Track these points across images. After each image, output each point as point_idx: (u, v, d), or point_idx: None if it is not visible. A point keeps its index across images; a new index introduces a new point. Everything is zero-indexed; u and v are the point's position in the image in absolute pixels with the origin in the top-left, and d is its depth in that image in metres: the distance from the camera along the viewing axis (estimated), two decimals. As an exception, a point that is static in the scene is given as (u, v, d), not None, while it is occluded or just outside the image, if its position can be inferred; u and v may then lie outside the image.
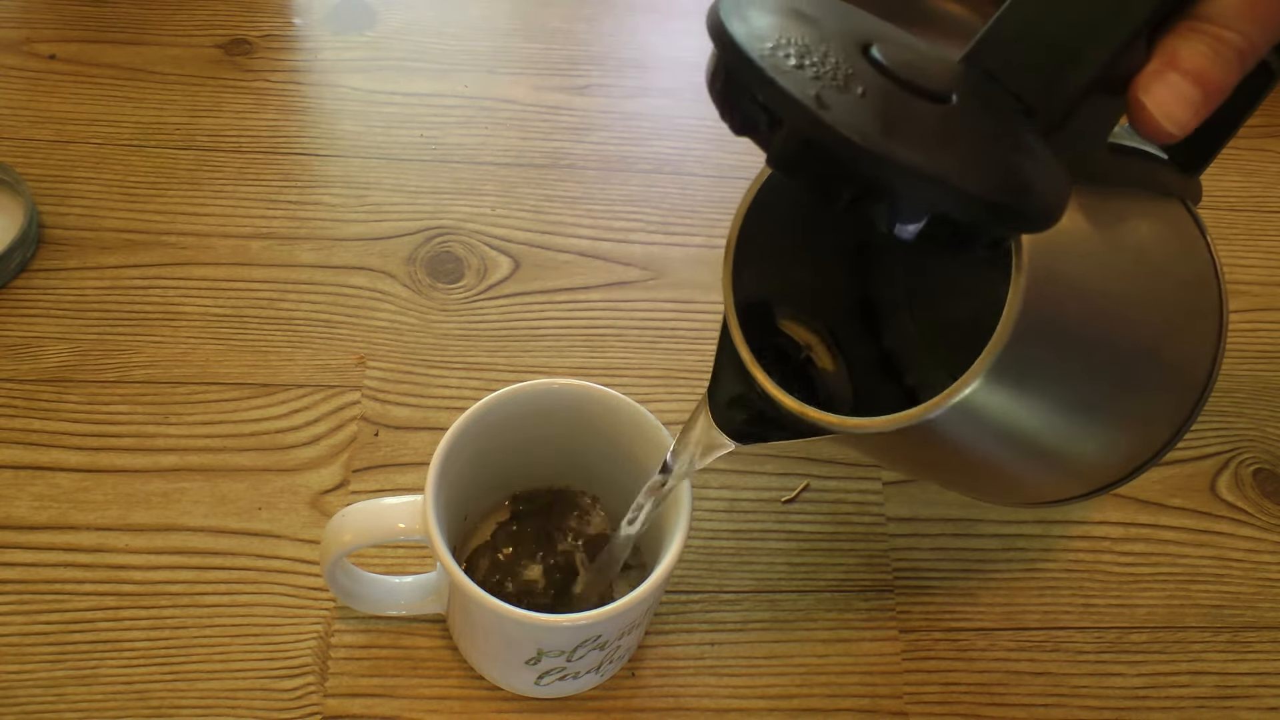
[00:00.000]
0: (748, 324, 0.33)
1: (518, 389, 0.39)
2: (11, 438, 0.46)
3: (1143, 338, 0.33)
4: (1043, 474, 0.36)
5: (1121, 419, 0.35)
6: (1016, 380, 0.29)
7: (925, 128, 0.24)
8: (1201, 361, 0.35)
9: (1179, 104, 0.27)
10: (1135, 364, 0.33)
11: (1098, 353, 0.31)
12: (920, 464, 0.37)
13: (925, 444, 0.31)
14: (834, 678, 0.43)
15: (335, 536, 0.37)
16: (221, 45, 0.61)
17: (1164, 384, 0.35)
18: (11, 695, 0.40)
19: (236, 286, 0.51)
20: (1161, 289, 0.33)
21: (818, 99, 0.23)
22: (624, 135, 0.60)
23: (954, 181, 0.23)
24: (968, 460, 0.33)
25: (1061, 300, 0.29)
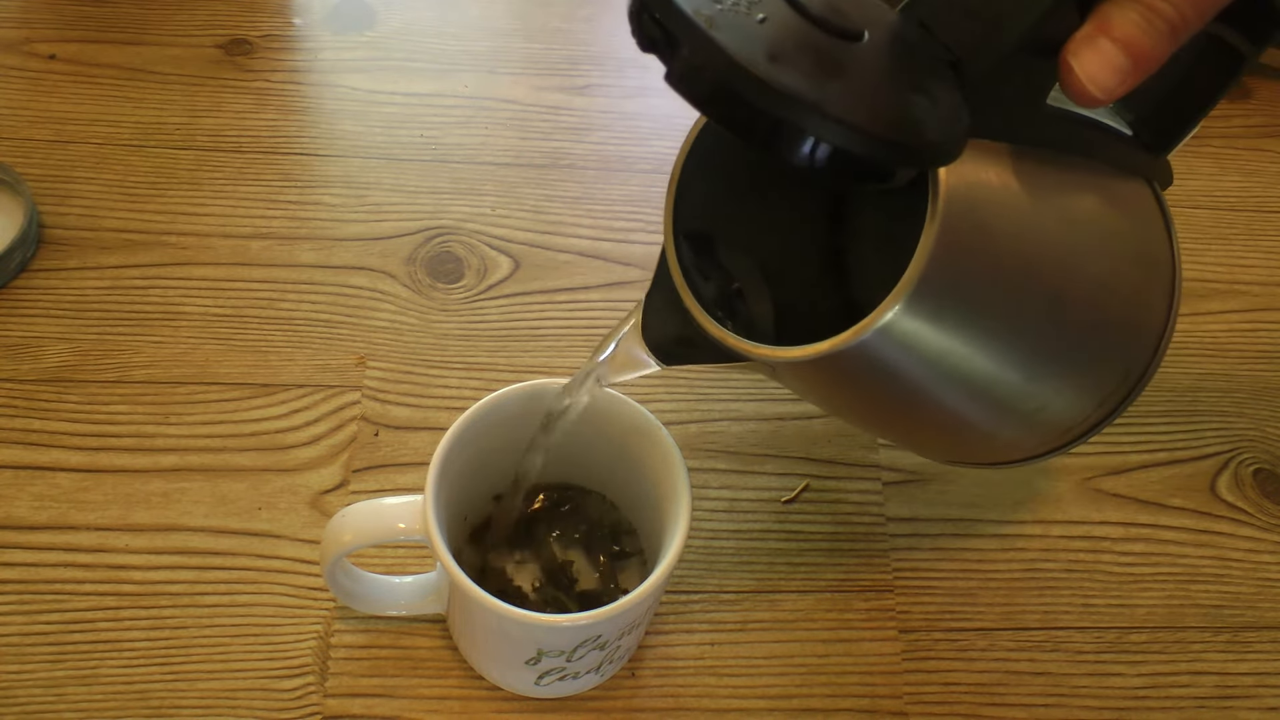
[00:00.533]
0: (688, 249, 0.34)
1: (518, 389, 0.39)
2: (11, 438, 0.46)
3: (1072, 297, 0.33)
4: (977, 425, 0.36)
5: (1054, 376, 0.35)
6: (934, 312, 0.29)
7: (819, 61, 0.25)
8: (1146, 337, 0.36)
9: (1107, 70, 0.27)
10: (1065, 322, 0.33)
11: (1021, 302, 0.32)
12: (858, 405, 0.37)
13: (853, 378, 0.32)
14: (834, 678, 0.43)
15: (335, 536, 0.37)
16: (221, 45, 0.61)
17: (1101, 350, 0.35)
18: (11, 695, 0.40)
19: (236, 286, 0.51)
20: (1096, 253, 0.33)
21: (710, 20, 0.24)
22: (624, 135, 0.60)
23: (831, 110, 0.24)
24: (898, 400, 0.33)
25: (981, 246, 0.29)
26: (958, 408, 0.34)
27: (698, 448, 0.49)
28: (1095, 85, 0.27)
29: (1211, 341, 0.55)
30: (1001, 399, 0.34)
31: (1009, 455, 0.39)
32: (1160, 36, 0.27)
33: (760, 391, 0.50)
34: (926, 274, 0.28)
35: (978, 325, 0.31)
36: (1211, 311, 0.56)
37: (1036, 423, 0.36)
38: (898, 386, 0.32)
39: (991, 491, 0.49)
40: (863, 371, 0.31)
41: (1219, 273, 0.58)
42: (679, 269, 0.33)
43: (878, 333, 0.29)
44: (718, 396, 0.50)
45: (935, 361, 0.31)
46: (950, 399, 0.33)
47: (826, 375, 0.32)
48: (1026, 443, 0.38)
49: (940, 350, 0.30)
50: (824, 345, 0.29)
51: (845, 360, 0.29)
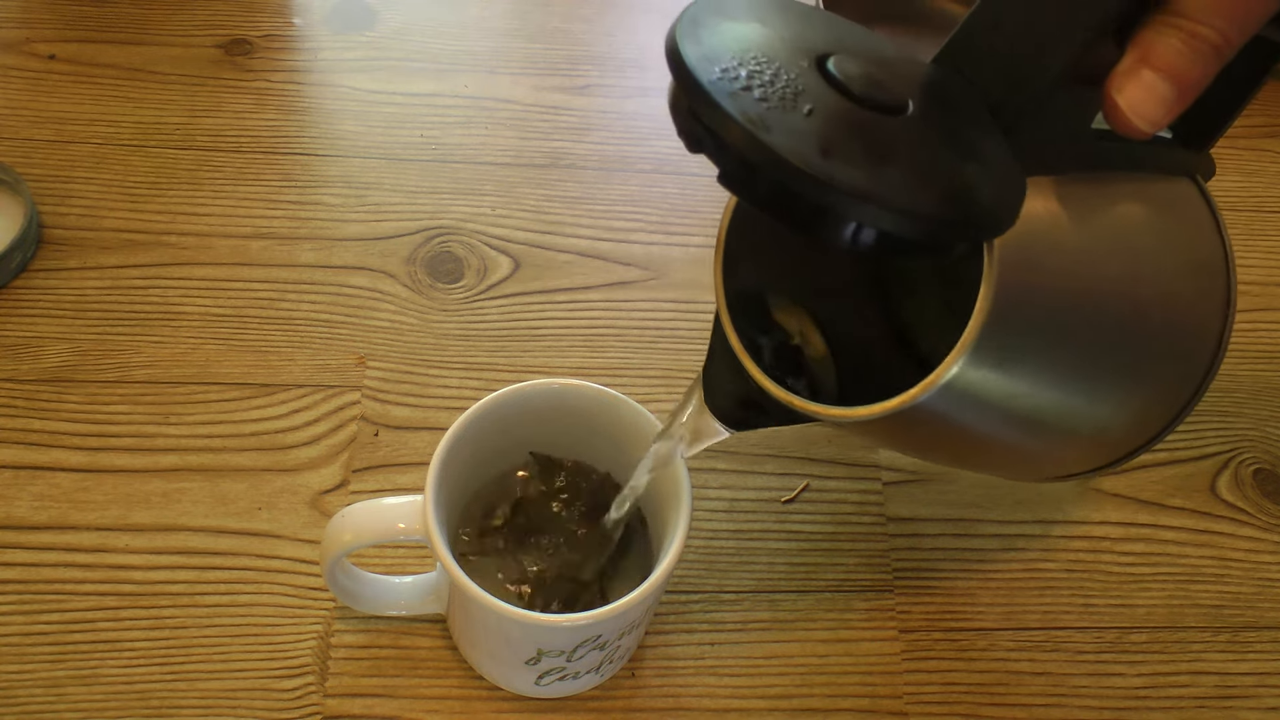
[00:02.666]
0: (740, 313, 0.34)
1: (518, 389, 0.39)
2: (11, 438, 0.46)
3: (1131, 319, 0.33)
4: (1042, 450, 0.36)
5: (1118, 397, 0.35)
6: (997, 362, 0.29)
7: (870, 144, 0.25)
8: (1205, 341, 0.36)
9: (1152, 102, 0.27)
10: (1126, 344, 0.33)
11: (1082, 334, 0.32)
12: (925, 446, 0.37)
13: (920, 427, 0.32)
14: (834, 678, 0.43)
15: (335, 536, 0.37)
16: (221, 45, 0.61)
17: (1162, 363, 0.35)
18: (11, 695, 0.40)
19: (236, 286, 0.51)
20: (1151, 270, 0.33)
21: (759, 121, 0.24)
22: (624, 135, 0.60)
23: (892, 202, 0.24)
24: (966, 440, 0.34)
25: (1039, 285, 0.29)
26: (1023, 439, 0.34)
27: (698, 448, 0.49)
28: (1141, 118, 0.27)
29: (1211, 341, 0.55)
30: (1066, 426, 0.34)
31: (1073, 470, 0.39)
32: (1205, 62, 0.27)
33: (760, 391, 0.51)
34: (986, 327, 0.28)
35: (1040, 365, 0.31)
36: (1211, 311, 0.56)
37: (1101, 440, 0.36)
38: (965, 429, 0.32)
39: (991, 491, 0.49)
40: (929, 421, 0.30)
41: (1219, 273, 0.58)
42: (735, 334, 0.33)
43: (942, 389, 0.28)
44: (718, 396, 0.50)
45: (1001, 404, 0.31)
46: (1016, 433, 0.33)
47: (893, 427, 0.32)
48: (1092, 458, 0.38)
49: (1005, 394, 0.30)
50: (890, 404, 0.29)
51: (911, 415, 0.29)
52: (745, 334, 0.33)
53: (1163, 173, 0.34)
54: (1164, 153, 0.34)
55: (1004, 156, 0.27)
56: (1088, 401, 0.34)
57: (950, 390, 0.29)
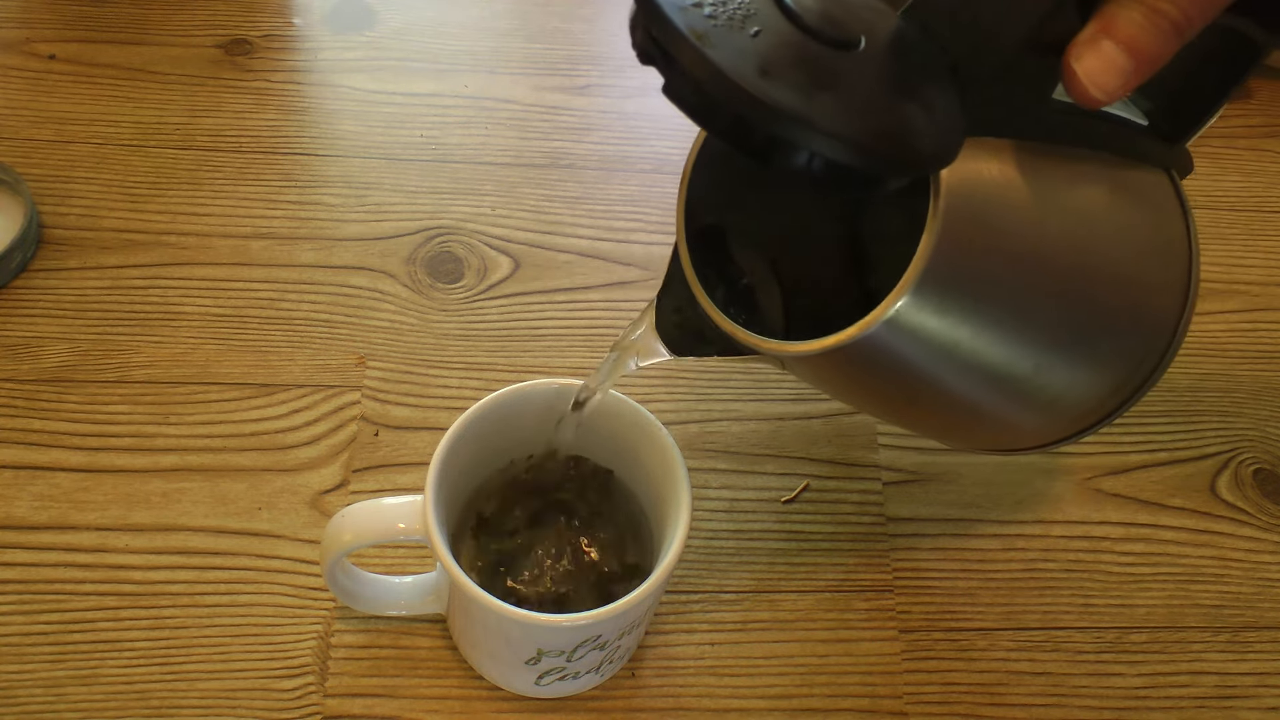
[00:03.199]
0: (700, 245, 0.34)
1: (518, 389, 0.39)
2: (11, 438, 0.46)
3: (1080, 289, 0.33)
4: (991, 413, 0.36)
5: (1066, 366, 0.35)
6: (940, 307, 0.29)
7: (811, 72, 0.26)
8: (1161, 327, 0.36)
9: (1110, 72, 0.27)
10: (1074, 313, 0.34)
11: (1028, 294, 0.32)
12: (873, 396, 0.37)
13: (864, 370, 0.32)
14: (834, 678, 0.43)
15: (335, 536, 0.37)
16: (221, 45, 0.61)
17: (1113, 340, 0.35)
18: (11, 695, 0.40)
19: (236, 286, 0.51)
20: (1106, 245, 0.34)
21: (703, 36, 0.24)
22: (624, 135, 0.60)
23: (819, 123, 0.24)
24: (910, 390, 0.34)
25: (987, 241, 0.30)
26: (970, 397, 0.34)
27: (698, 448, 0.49)
28: (1097, 87, 0.27)
29: (1211, 341, 0.55)
30: (1014, 389, 0.34)
31: (1024, 442, 0.39)
32: (1163, 36, 0.27)
33: (760, 391, 0.51)
34: (929, 269, 0.28)
35: (986, 317, 0.31)
36: (1211, 311, 0.56)
37: (1051, 412, 0.37)
38: (909, 377, 0.32)
39: (991, 491, 0.49)
40: (873, 363, 0.31)
41: (1219, 273, 0.57)
42: (691, 264, 0.34)
43: (884, 326, 0.29)
44: (718, 396, 0.50)
45: (945, 353, 0.31)
46: (962, 389, 0.34)
47: (837, 368, 0.32)
48: (1042, 430, 0.38)
49: (949, 342, 0.31)
50: (830, 340, 0.30)
51: (854, 353, 0.30)
52: (702, 267, 0.34)
53: (1132, 158, 0.34)
54: (1138, 140, 0.34)
55: (948, 105, 0.27)
56: (1034, 366, 0.34)
57: (891, 329, 0.29)
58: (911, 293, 0.28)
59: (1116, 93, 0.27)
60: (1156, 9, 0.27)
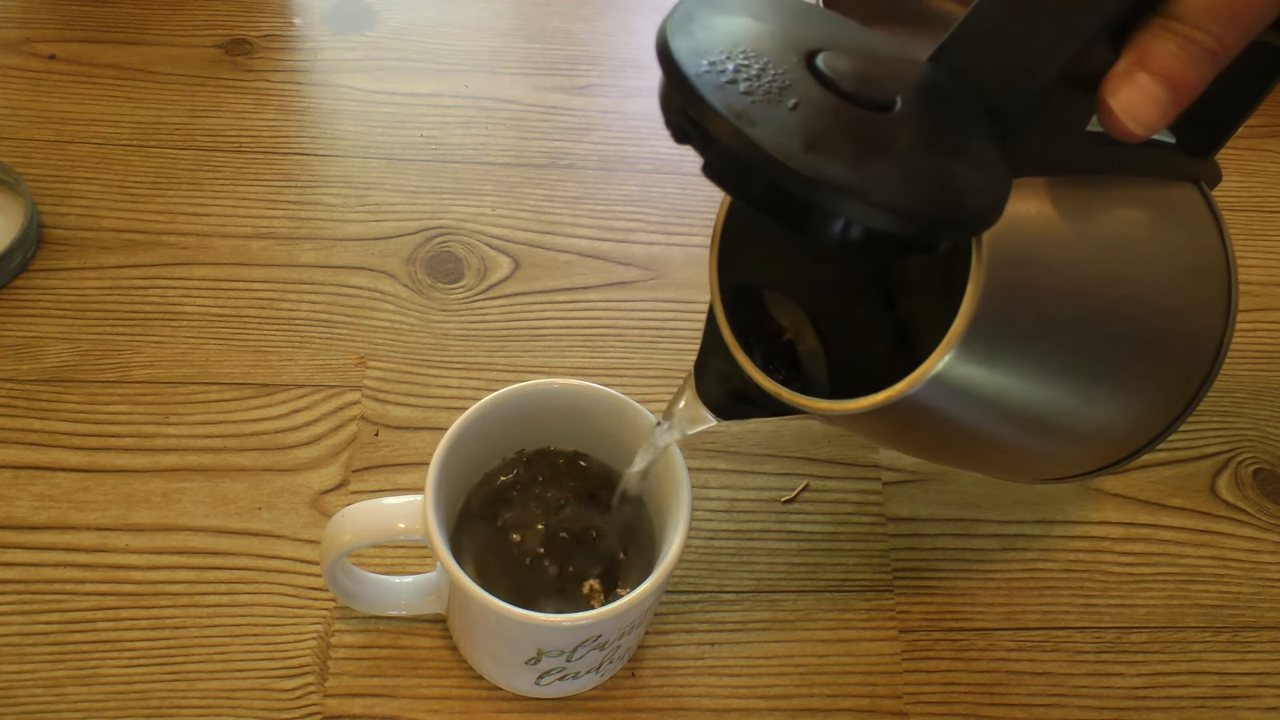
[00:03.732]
0: (735, 306, 0.34)
1: (518, 389, 0.39)
2: (11, 438, 0.46)
3: (1126, 321, 0.33)
4: (1038, 449, 0.36)
5: (1114, 398, 0.35)
6: (987, 357, 0.29)
7: (854, 140, 0.25)
8: (1205, 346, 0.35)
9: (1147, 106, 0.27)
10: (1121, 345, 0.33)
11: (1076, 333, 0.32)
12: (920, 443, 0.37)
13: (913, 423, 0.32)
14: (834, 678, 0.43)
15: (335, 536, 0.37)
16: (221, 45, 0.61)
17: (1159, 366, 0.35)
18: (11, 695, 0.40)
19: (236, 286, 0.51)
20: (1149, 273, 0.33)
21: (742, 114, 0.24)
22: (624, 135, 0.60)
23: (873, 197, 0.24)
24: (960, 436, 0.34)
25: (1031, 283, 0.29)
26: (1019, 437, 0.34)
27: (698, 448, 0.49)
28: (1135, 121, 0.27)
29: (1211, 341, 0.55)
30: (1063, 425, 0.34)
31: (1072, 470, 0.39)
32: (1200, 65, 0.26)
33: (760, 391, 0.51)
34: (974, 322, 0.28)
35: (1032, 361, 0.31)
36: (1211, 311, 0.56)
37: (1099, 441, 0.36)
38: (958, 425, 0.32)
39: (991, 491, 0.49)
40: (920, 416, 0.30)
41: (1219, 273, 0.58)
42: (729, 326, 0.33)
43: (931, 382, 0.28)
44: (718, 396, 0.50)
45: (993, 401, 0.31)
46: (1011, 431, 0.34)
47: (884, 422, 0.32)
48: (1091, 458, 0.38)
49: (997, 390, 0.30)
50: (878, 398, 0.29)
51: (902, 409, 0.29)
52: (739, 327, 0.34)
53: (1166, 178, 0.34)
54: (1167, 158, 0.34)
55: (991, 155, 0.27)
56: (1082, 401, 0.34)
57: (939, 384, 0.29)
58: (958, 346, 0.28)
59: (1155, 126, 0.27)
60: (1191, 38, 0.26)
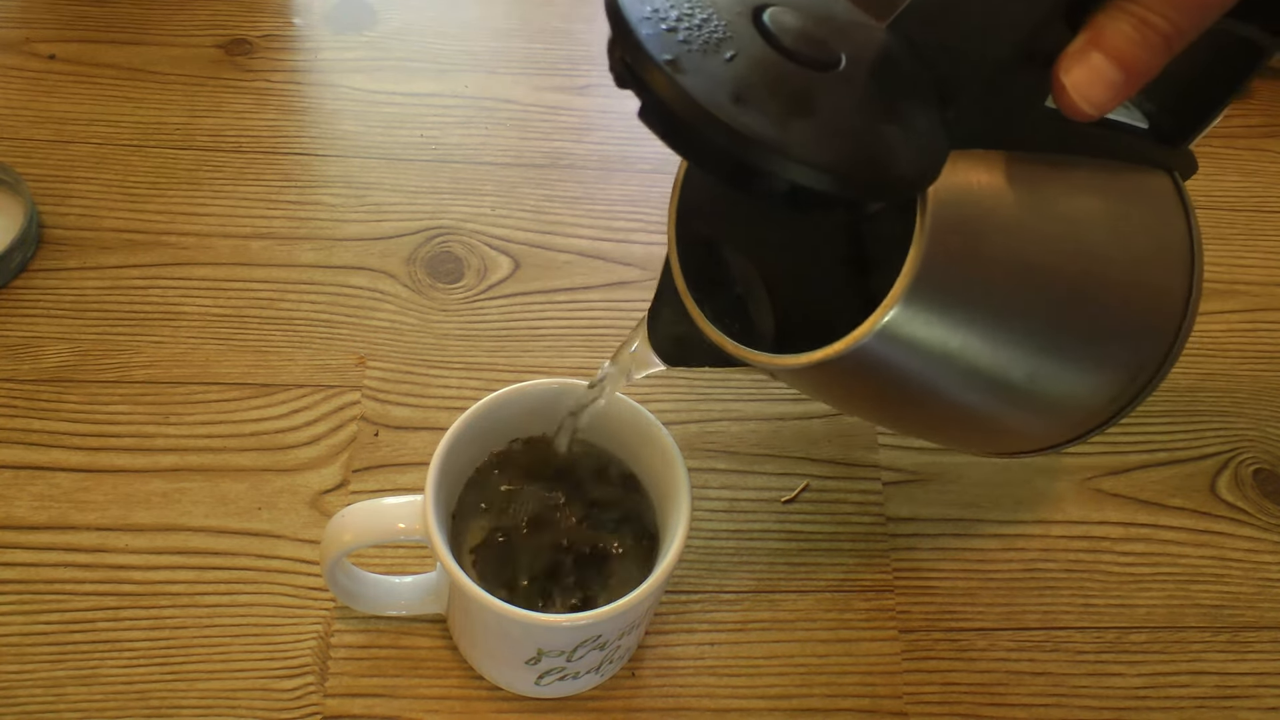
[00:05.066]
0: (691, 256, 0.34)
1: (518, 388, 0.39)
2: (11, 438, 0.46)
3: (1077, 295, 0.33)
4: (990, 418, 0.36)
5: (1065, 371, 0.35)
6: (932, 318, 0.29)
7: (787, 96, 0.25)
8: (1162, 331, 0.36)
9: (1098, 85, 0.27)
10: (1072, 319, 0.33)
11: (1024, 301, 0.32)
12: (862, 405, 0.37)
13: (860, 380, 0.32)
14: (834, 678, 0.43)
15: (335, 536, 0.37)
16: (221, 45, 0.61)
17: (1112, 346, 0.35)
18: (11, 695, 0.40)
19: (236, 286, 0.51)
20: (1103, 251, 0.33)
21: (674, 63, 0.24)
22: (624, 135, 0.60)
23: (793, 151, 0.24)
24: (905, 398, 0.34)
25: (978, 250, 0.30)
26: (967, 403, 0.34)
27: (698, 448, 0.49)
28: (1086, 100, 0.27)
29: (1211, 341, 0.55)
30: (1011, 395, 0.34)
31: (1025, 446, 0.39)
32: (1153, 49, 0.27)
33: (760, 391, 0.51)
34: (919, 280, 0.28)
35: (979, 325, 0.31)
36: (1211, 311, 0.56)
37: (1051, 416, 0.37)
38: (904, 386, 0.32)
39: (991, 491, 0.49)
40: (866, 374, 0.31)
41: (1219, 273, 0.58)
42: (682, 275, 0.34)
43: (875, 337, 0.29)
44: (718, 396, 0.50)
45: (939, 361, 0.31)
46: (959, 395, 0.34)
47: (830, 379, 0.32)
48: (1043, 434, 0.38)
49: (942, 350, 0.31)
50: (820, 353, 0.29)
51: (847, 365, 0.30)
52: (694, 278, 0.34)
53: (1134, 162, 0.34)
54: (1136, 143, 0.34)
55: (930, 123, 0.27)
56: (1030, 371, 0.34)
57: (883, 340, 0.29)
58: (901, 303, 0.28)
59: (1105, 106, 0.27)
60: (1146, 21, 0.27)
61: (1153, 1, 0.27)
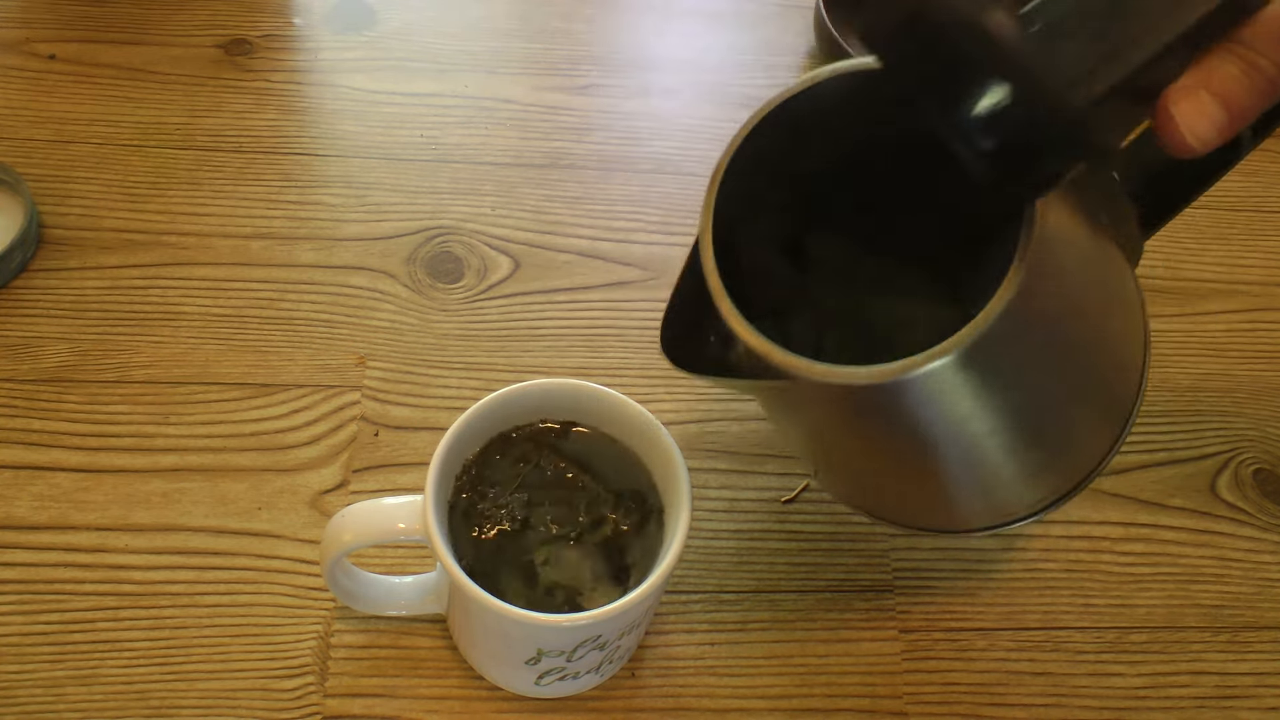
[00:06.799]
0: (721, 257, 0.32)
1: (518, 389, 0.39)
2: (11, 438, 0.46)
3: (1093, 345, 0.33)
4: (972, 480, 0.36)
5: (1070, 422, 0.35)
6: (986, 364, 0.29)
7: (1020, 30, 0.25)
8: (1131, 376, 0.36)
9: (1205, 121, 0.27)
10: (1086, 368, 0.33)
11: (1058, 350, 0.32)
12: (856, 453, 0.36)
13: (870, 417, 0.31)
14: (834, 678, 0.43)
15: (335, 536, 0.37)
16: (221, 45, 0.61)
17: (1108, 394, 0.35)
18: (11, 695, 0.40)
19: (236, 286, 0.51)
20: (1105, 299, 0.33)
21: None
22: (624, 135, 0.60)
23: (1045, 80, 0.24)
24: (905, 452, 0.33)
25: (1044, 288, 0.29)
26: (965, 462, 0.34)
27: (698, 448, 0.49)
28: (1193, 135, 0.28)
29: (1211, 341, 0.55)
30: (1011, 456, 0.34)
31: (989, 521, 0.39)
32: (1258, 93, 0.27)
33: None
34: (1014, 300, 0.27)
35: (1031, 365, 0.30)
36: (1211, 311, 0.56)
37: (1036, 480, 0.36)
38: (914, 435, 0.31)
39: (991, 491, 0.49)
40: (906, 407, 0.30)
41: (1219, 273, 0.58)
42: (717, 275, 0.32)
43: (962, 354, 0.27)
44: (718, 396, 0.50)
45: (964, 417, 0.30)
46: (962, 454, 0.33)
47: (842, 407, 0.31)
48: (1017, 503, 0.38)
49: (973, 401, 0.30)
50: (897, 365, 0.28)
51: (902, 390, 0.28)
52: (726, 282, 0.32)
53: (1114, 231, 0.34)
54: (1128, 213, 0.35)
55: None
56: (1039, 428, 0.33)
57: (969, 357, 0.28)
58: (996, 320, 0.27)
59: (1211, 143, 0.28)
60: (1255, 65, 0.27)
61: (1264, 45, 0.27)
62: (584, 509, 0.39)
